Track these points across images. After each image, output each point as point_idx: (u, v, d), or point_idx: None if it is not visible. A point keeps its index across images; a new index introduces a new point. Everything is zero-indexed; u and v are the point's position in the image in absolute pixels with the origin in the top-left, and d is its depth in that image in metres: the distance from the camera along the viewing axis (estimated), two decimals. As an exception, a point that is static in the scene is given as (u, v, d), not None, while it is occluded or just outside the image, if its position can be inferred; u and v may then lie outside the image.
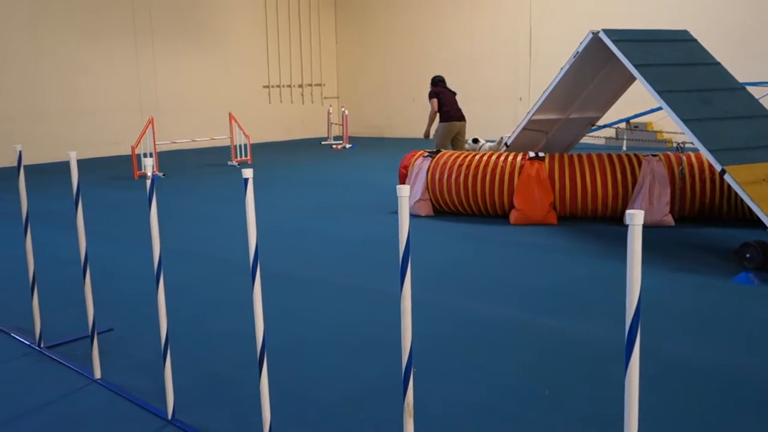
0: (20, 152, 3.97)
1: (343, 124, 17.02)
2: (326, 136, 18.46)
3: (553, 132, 8.38)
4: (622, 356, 1.90)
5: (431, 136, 10.46)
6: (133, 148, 11.80)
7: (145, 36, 16.30)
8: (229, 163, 13.50)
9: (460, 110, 10.28)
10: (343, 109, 17.55)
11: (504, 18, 17.18)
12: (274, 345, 3.80)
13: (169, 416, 3.12)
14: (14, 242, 6.34)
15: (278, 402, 2.98)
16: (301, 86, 20.12)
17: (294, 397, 3.31)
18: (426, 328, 4.10)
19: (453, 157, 7.60)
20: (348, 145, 16.77)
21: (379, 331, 4.18)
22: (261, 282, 2.66)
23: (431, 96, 10.40)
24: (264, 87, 19.19)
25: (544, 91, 7.55)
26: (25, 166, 4.02)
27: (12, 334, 4.25)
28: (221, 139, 14.44)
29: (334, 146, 17.00)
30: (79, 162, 3.60)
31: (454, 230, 7.07)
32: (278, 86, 19.54)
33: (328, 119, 18.18)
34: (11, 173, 8.14)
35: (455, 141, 10.22)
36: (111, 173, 12.24)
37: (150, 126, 11.88)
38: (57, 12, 14.77)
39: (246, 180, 2.54)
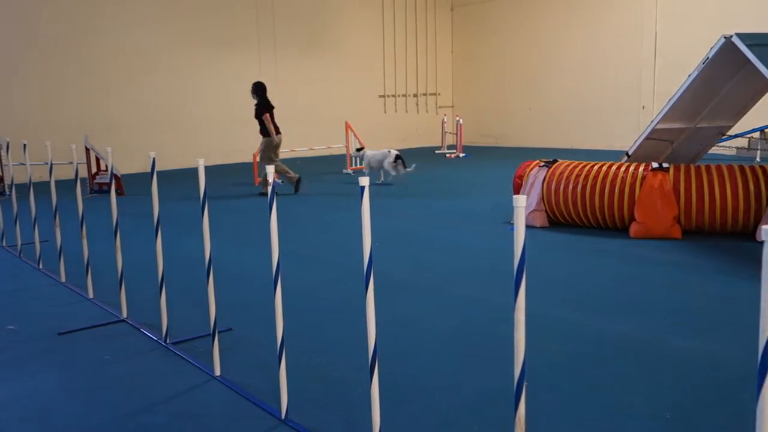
0: (153, 159, 4.23)
1: (457, 133, 16.97)
2: (440, 145, 18.48)
3: (678, 142, 7.97)
4: (754, 381, 1.75)
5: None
6: (254, 156, 12.29)
7: (268, 49, 16.99)
8: (345, 170, 13.78)
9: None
10: (457, 118, 17.52)
11: (627, 23, 16.55)
12: (388, 351, 3.82)
13: (283, 416, 3.21)
14: (146, 244, 6.76)
15: (389, 407, 2.99)
16: (416, 95, 20.27)
17: (405, 404, 3.31)
18: (541, 342, 4.00)
19: (570, 167, 7.38)
20: (462, 154, 16.70)
21: (494, 342, 4.12)
22: (376, 288, 2.68)
23: (266, 108, 10.46)
24: (380, 96, 19.49)
25: (670, 99, 7.20)
26: (157, 172, 4.27)
27: (142, 330, 4.53)
28: (337, 148, 14.78)
29: (447, 155, 16.98)
30: (206, 168, 3.77)
31: (571, 242, 6.86)
32: (393, 96, 19.79)
33: (443, 128, 18.20)
34: (146, 178, 8.69)
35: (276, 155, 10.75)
36: (233, 179, 12.81)
37: (270, 135, 12.33)
38: (188, 29, 15.67)
39: (362, 188, 2.57)
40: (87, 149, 11.55)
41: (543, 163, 7.68)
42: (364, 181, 2.58)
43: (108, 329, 4.61)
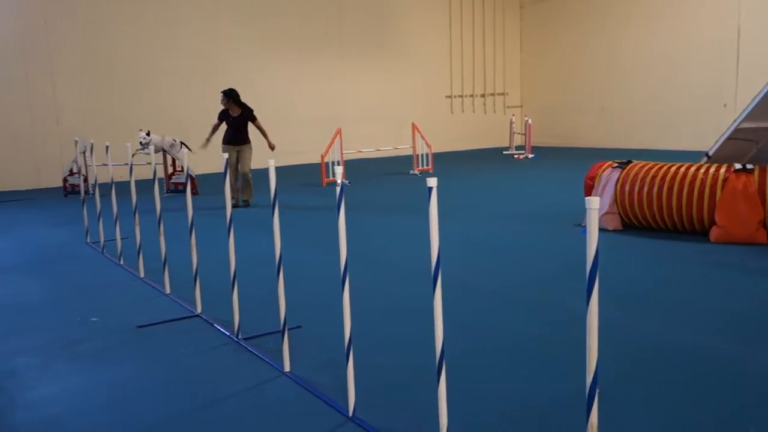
0: (227, 160, 4.37)
1: (525, 134, 16.76)
2: (508, 145, 18.28)
3: (764, 142, 7.63)
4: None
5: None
6: (322, 157, 12.48)
7: (334, 50, 17.20)
8: (411, 172, 13.82)
9: None
10: (526, 118, 17.30)
11: (707, 17, 15.96)
12: (456, 353, 3.82)
13: (350, 413, 3.25)
14: (219, 242, 6.96)
15: (456, 410, 2.99)
16: (483, 96, 20.13)
17: (472, 406, 3.30)
18: (614, 349, 3.91)
19: (646, 168, 7.18)
20: (530, 155, 16.49)
21: (563, 347, 4.06)
22: (443, 290, 2.69)
23: (254, 114, 10.31)
24: (446, 97, 19.44)
25: (755, 97, 6.90)
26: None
27: (215, 325, 4.68)
28: (404, 149, 14.83)
29: (516, 156, 16.80)
30: (276, 169, 3.86)
31: (646, 246, 6.68)
32: (460, 96, 19.70)
33: (511, 128, 18.00)
34: (219, 178, 8.94)
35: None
36: (301, 180, 13.03)
37: (338, 136, 12.50)
38: (257, 32, 16.02)
39: (430, 189, 2.58)
40: (163, 151, 11.97)
41: (617, 164, 7.51)
42: (432, 182, 2.59)
43: (183, 323, 4.78)
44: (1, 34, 13.05)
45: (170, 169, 12.19)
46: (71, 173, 11.93)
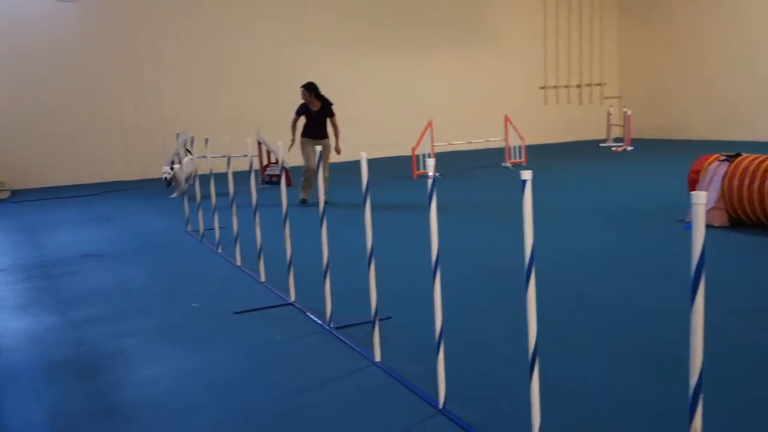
0: (320, 153, 4.46)
1: (624, 125, 16.19)
2: (605, 138, 17.71)
3: None
4: None
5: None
6: (412, 149, 12.50)
7: (425, 42, 17.15)
8: (503, 164, 13.64)
9: None
10: (624, 110, 16.70)
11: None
12: (549, 351, 3.75)
13: (440, 406, 3.26)
14: (311, 233, 7.11)
15: (549, 408, 2.95)
16: (579, 86, 19.57)
17: (565, 407, 3.24)
18: (715, 353, 3.74)
19: (757, 162, 6.78)
20: (629, 148, 15.92)
21: (660, 349, 3.92)
22: (537, 288, 2.65)
23: (333, 109, 9.92)
24: (540, 88, 19.02)
25: None
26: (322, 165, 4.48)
27: (308, 314, 4.79)
28: (496, 141, 14.64)
29: (613, 148, 16.26)
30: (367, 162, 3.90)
31: (755, 244, 6.33)
32: (555, 87, 19.23)
33: (608, 120, 17.41)
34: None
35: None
36: (392, 173, 13.10)
37: (429, 128, 12.48)
38: (347, 26, 16.20)
39: (524, 182, 2.54)
40: (259, 143, 12.33)
41: (724, 157, 7.13)
42: (527, 174, 2.55)
43: (277, 311, 4.92)
44: (115, 40, 13.80)
45: (265, 161, 12.54)
46: (172, 164, 12.49)
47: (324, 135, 9.90)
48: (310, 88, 9.87)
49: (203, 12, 14.66)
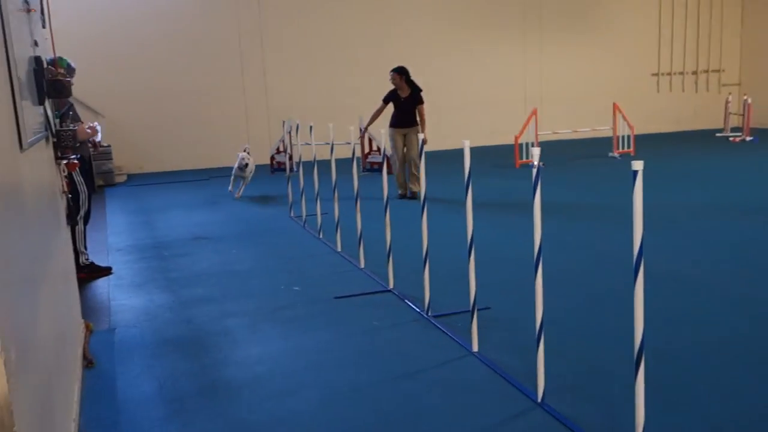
0: (422, 140, 4.45)
1: (744, 114, 15.21)
2: (722, 127, 16.72)
3: None
4: None
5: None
6: (516, 138, 12.26)
7: (533, 27, 16.74)
8: (610, 154, 13.15)
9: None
10: (745, 98, 15.67)
11: None
12: (656, 347, 3.59)
13: (539, 399, 3.19)
14: (411, 220, 7.12)
15: (653, 407, 2.82)
16: (695, 73, 18.54)
17: (671, 406, 3.09)
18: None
19: None
20: (748, 138, 14.95)
21: (778, 350, 3.67)
22: (647, 281, 2.54)
23: (422, 96, 9.32)
24: (653, 75, 18.17)
25: None
26: (425, 153, 4.47)
27: (406, 301, 4.81)
28: (603, 130, 14.12)
29: (731, 139, 15.33)
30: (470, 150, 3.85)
31: None
32: (669, 74, 18.31)
33: (726, 109, 16.41)
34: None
35: None
36: (494, 161, 12.90)
37: (533, 116, 12.20)
38: (453, 14, 16.05)
39: (635, 172, 2.43)
40: (361, 130, 12.46)
41: None
42: (638, 165, 2.44)
43: (376, 297, 4.97)
44: (223, 32, 14.30)
45: (367, 149, 12.67)
46: (278, 151, 12.83)
47: (411, 123, 9.36)
48: (402, 72, 9.31)
49: (319, 2, 14.94)
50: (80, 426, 3.17)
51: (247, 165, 9.87)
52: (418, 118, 9.30)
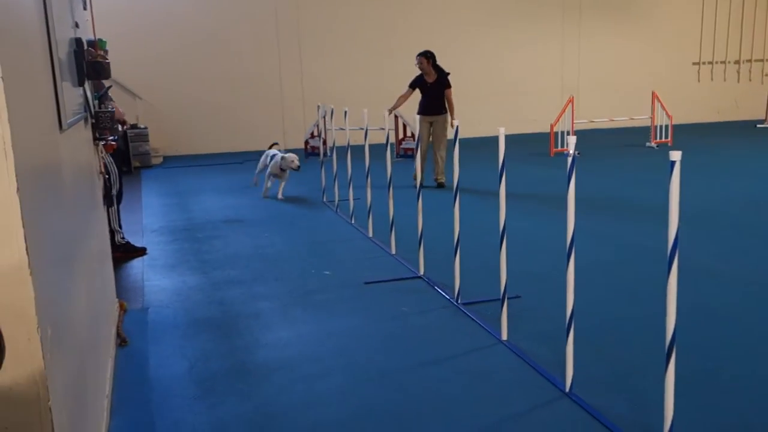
0: (457, 127, 4.42)
1: (787, 105, 14.81)
2: (764, 118, 16.31)
3: None
4: None
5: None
6: (551, 126, 12.12)
7: (572, 15, 16.47)
8: (648, 144, 12.93)
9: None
10: (789, 88, 15.25)
11: None
12: (686, 339, 3.52)
13: (567, 389, 3.17)
14: (443, 207, 7.10)
15: (681, 399, 2.78)
16: (738, 62, 18.08)
17: (701, 399, 3.05)
18: None
19: None
20: (791, 130, 14.56)
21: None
22: (682, 275, 2.50)
23: (449, 80, 9.00)
24: (693, 64, 17.77)
25: None
26: (459, 140, 4.44)
27: (436, 288, 4.80)
28: (641, 119, 13.88)
29: (773, 130, 14.94)
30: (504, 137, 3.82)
31: None
32: (710, 63, 17.88)
33: (769, 99, 15.99)
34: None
35: None
36: (529, 149, 12.77)
37: (570, 105, 12.04)
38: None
39: (673, 163, 2.38)
40: (396, 117, 12.43)
41: None
42: (676, 155, 2.39)
43: (406, 283, 4.97)
44: (260, 16, 14.35)
45: (401, 135, 12.64)
46: (312, 136, 12.88)
47: (439, 110, 9.02)
48: (428, 56, 8.98)
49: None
50: (113, 403, 3.24)
51: (284, 162, 8.59)
52: (446, 105, 9.05)
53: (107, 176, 4.54)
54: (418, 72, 9.23)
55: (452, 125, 8.72)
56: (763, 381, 3.26)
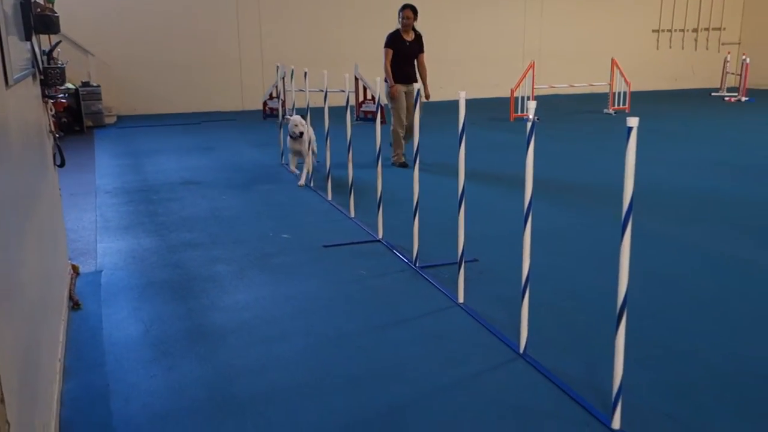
0: (418, 91, 4.38)
1: (741, 74, 15.10)
2: (719, 87, 16.61)
3: None
4: None
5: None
6: (512, 91, 12.15)
7: (535, -20, 16.42)
8: (606, 110, 13.08)
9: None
10: (743, 57, 15.53)
11: None
12: (638, 304, 3.62)
13: (521, 350, 3.23)
14: (402, 173, 7.11)
15: (631, 362, 2.86)
16: (695, 30, 18.31)
17: (649, 361, 3.14)
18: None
19: None
20: (744, 98, 14.88)
21: (759, 308, 3.72)
22: (634, 239, 2.54)
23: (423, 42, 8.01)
24: (653, 31, 17.94)
25: None
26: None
27: (394, 251, 4.82)
28: (600, 86, 14.00)
29: (726, 99, 15.25)
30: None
31: None
32: (669, 30, 18.08)
33: (724, 68, 16.27)
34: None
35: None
36: (489, 114, 12.80)
37: (530, 70, 12.07)
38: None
39: (630, 129, 2.41)
40: (356, 79, 12.29)
41: None
42: (633, 121, 2.41)
43: (365, 247, 4.97)
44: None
45: (361, 98, 12.53)
46: (270, 97, 12.67)
47: (415, 77, 7.94)
48: (415, 10, 7.87)
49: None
50: (66, 366, 3.19)
51: (301, 134, 7.08)
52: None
53: (58, 135, 4.39)
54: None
55: (427, 96, 7.69)
56: (710, 345, 3.37)
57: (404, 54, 7.88)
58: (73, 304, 3.91)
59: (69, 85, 11.31)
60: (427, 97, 7.76)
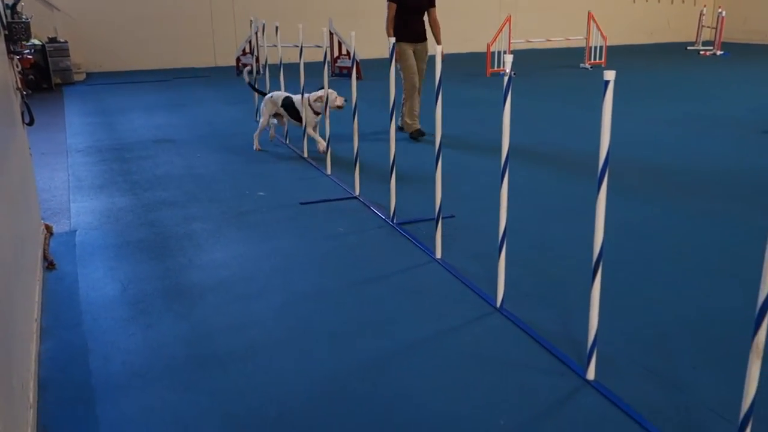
0: (393, 44, 4.32)
1: (717, 28, 15.12)
2: (694, 41, 16.64)
3: None
4: None
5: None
6: (488, 46, 12.06)
7: (512, -70, 16.16)
8: (582, 65, 13.06)
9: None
10: (720, 10, 15.53)
11: None
12: (612, 256, 3.66)
13: (498, 304, 3.27)
14: (379, 128, 7.05)
15: (606, 313, 2.91)
16: (671, -17, 18.24)
17: (623, 312, 3.21)
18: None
19: None
20: (719, 52, 14.94)
21: (730, 260, 3.79)
22: (610, 192, 2.56)
23: None
24: (630, -17, 17.84)
25: None
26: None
27: (372, 208, 4.82)
28: (577, 40, 13.95)
29: (701, 52, 15.29)
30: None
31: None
32: (646, -18, 17.99)
33: (700, 21, 16.28)
34: (384, 64, 8.95)
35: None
36: (465, 70, 12.72)
37: (507, 24, 11.96)
38: None
39: (606, 83, 2.40)
40: (331, 33, 12.10)
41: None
42: (610, 75, 2.40)
43: (342, 204, 4.96)
44: None
45: (336, 53, 12.35)
46: (244, 53, 12.44)
47: (424, 35, 7.00)
48: None
49: None
50: (42, 327, 3.17)
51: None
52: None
53: (26, 92, 4.28)
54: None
55: (442, 55, 6.77)
56: (682, 296, 3.44)
57: (411, 7, 6.83)
58: (47, 264, 3.87)
59: (35, 41, 11.00)
60: (442, 55, 6.98)
